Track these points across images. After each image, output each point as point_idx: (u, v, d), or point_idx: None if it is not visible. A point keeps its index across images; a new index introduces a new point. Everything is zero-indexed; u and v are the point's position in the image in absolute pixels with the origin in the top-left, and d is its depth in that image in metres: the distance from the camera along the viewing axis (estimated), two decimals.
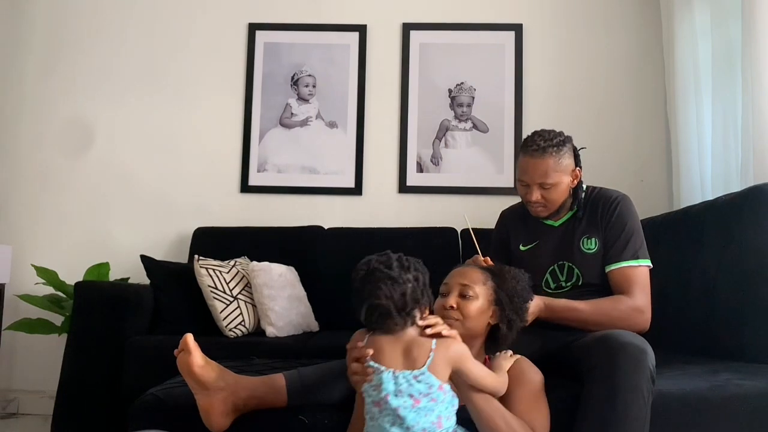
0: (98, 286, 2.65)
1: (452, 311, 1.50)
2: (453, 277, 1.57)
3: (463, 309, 1.50)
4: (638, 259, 1.78)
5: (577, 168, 1.86)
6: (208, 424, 1.47)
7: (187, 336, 1.46)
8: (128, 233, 3.22)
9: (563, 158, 1.80)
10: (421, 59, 3.31)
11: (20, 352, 3.15)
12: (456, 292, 1.53)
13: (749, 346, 1.84)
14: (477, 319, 1.51)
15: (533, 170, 1.80)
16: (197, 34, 3.37)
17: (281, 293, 2.56)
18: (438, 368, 1.30)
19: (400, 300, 1.32)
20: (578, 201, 1.87)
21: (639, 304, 1.73)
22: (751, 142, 2.22)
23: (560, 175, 1.80)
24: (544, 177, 1.79)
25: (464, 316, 1.50)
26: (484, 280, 1.54)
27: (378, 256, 1.38)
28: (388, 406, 1.28)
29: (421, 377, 1.29)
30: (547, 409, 1.47)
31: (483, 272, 1.57)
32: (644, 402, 1.41)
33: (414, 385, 1.28)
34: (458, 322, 1.50)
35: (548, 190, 1.81)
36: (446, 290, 1.55)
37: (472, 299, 1.51)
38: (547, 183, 1.79)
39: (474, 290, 1.52)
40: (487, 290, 1.53)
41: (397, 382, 1.29)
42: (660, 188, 3.13)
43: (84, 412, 2.33)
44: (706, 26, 2.68)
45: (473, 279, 1.54)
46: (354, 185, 3.25)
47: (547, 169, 1.78)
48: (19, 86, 3.33)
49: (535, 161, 1.79)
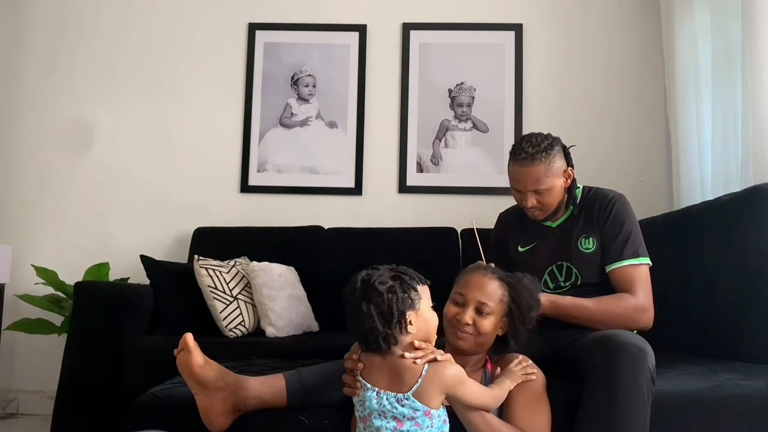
0: (98, 286, 2.65)
1: (467, 326, 1.48)
2: (471, 289, 1.51)
3: (479, 326, 1.48)
4: (639, 257, 1.78)
5: (569, 168, 1.86)
6: (207, 424, 1.47)
7: (187, 335, 1.46)
8: (128, 233, 3.22)
9: (554, 162, 1.80)
10: (421, 59, 3.31)
11: (20, 352, 3.15)
12: (472, 307, 1.49)
13: (749, 346, 1.84)
14: (490, 335, 1.50)
15: (525, 178, 1.80)
16: (197, 34, 3.37)
17: (281, 293, 2.56)
18: (426, 394, 1.28)
19: (369, 333, 1.30)
20: (573, 199, 1.87)
21: (642, 302, 1.73)
22: (751, 142, 2.22)
23: (553, 179, 1.80)
24: (536, 184, 1.79)
25: (479, 332, 1.48)
26: (502, 297, 1.50)
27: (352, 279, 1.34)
28: (371, 424, 1.30)
29: (405, 402, 1.27)
30: (549, 409, 1.47)
31: (501, 285, 1.52)
32: (644, 402, 1.41)
33: (398, 408, 1.27)
34: (471, 337, 1.48)
35: (543, 194, 1.81)
36: (461, 300, 1.51)
37: (488, 316, 1.49)
38: (540, 189, 1.79)
39: (490, 307, 1.49)
40: (502, 306, 1.50)
41: (381, 402, 1.29)
42: (660, 188, 3.13)
43: (84, 412, 2.33)
44: (706, 26, 2.67)
45: (491, 295, 1.50)
46: (354, 185, 3.25)
47: (539, 175, 1.78)
48: (19, 86, 3.33)
49: (526, 169, 1.79)
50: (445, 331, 1.53)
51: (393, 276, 1.33)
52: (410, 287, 1.32)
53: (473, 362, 1.53)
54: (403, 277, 1.34)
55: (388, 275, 1.33)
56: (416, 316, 1.32)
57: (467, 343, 1.49)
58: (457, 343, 1.50)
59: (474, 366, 1.53)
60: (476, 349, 1.51)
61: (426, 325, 1.35)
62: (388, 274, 1.34)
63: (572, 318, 1.71)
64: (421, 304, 1.34)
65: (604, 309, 1.71)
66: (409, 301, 1.31)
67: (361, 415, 1.32)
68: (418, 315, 1.33)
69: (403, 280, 1.33)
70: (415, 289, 1.33)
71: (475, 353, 1.53)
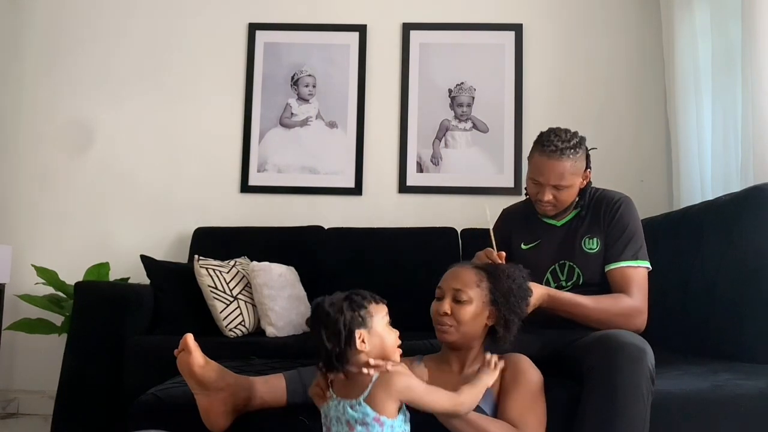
0: (98, 286, 2.65)
1: (446, 317, 1.49)
2: (446, 280, 1.54)
3: (457, 314, 1.49)
4: (638, 259, 1.78)
5: (587, 170, 1.85)
6: (208, 424, 1.47)
7: (187, 336, 1.46)
8: (128, 233, 3.22)
9: (579, 160, 1.79)
10: (421, 59, 3.31)
11: (20, 352, 3.15)
12: (449, 297, 1.50)
13: (749, 346, 1.84)
14: (472, 324, 1.49)
15: (549, 171, 1.77)
16: (197, 34, 3.37)
17: (281, 293, 2.56)
18: (378, 400, 1.29)
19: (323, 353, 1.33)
20: (584, 200, 1.87)
21: (638, 304, 1.73)
22: (751, 142, 2.22)
23: (574, 177, 1.79)
24: (559, 179, 1.77)
25: (458, 321, 1.49)
26: (478, 282, 1.51)
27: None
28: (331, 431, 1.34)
29: (357, 407, 1.30)
30: (544, 409, 1.46)
31: (477, 273, 1.53)
32: (644, 402, 1.41)
33: (349, 412, 1.30)
34: (452, 328, 1.49)
35: (561, 191, 1.80)
36: (440, 294, 1.54)
37: (465, 304, 1.49)
38: (561, 185, 1.78)
39: (467, 294, 1.49)
40: (481, 292, 1.50)
41: (338, 409, 1.33)
42: (660, 188, 3.13)
43: (84, 412, 2.33)
44: (706, 26, 2.68)
45: (466, 282, 1.51)
46: (354, 185, 3.25)
47: (564, 171, 1.77)
48: (19, 86, 3.33)
49: (552, 163, 1.77)
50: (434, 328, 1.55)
51: (344, 297, 1.36)
52: (360, 306, 1.34)
53: (471, 358, 1.53)
54: (354, 297, 1.35)
55: (340, 297, 1.36)
56: (369, 334, 1.33)
57: (451, 336, 1.50)
58: (442, 336, 1.51)
59: (472, 362, 1.53)
60: (465, 341, 1.50)
61: (381, 342, 1.35)
62: (340, 296, 1.36)
63: (568, 314, 1.71)
64: (373, 322, 1.34)
65: (600, 308, 1.71)
66: (359, 319, 1.33)
67: (325, 424, 1.37)
68: (372, 333, 1.34)
69: (353, 300, 1.35)
70: (365, 307, 1.34)
71: (467, 347, 1.52)
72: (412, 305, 1.84)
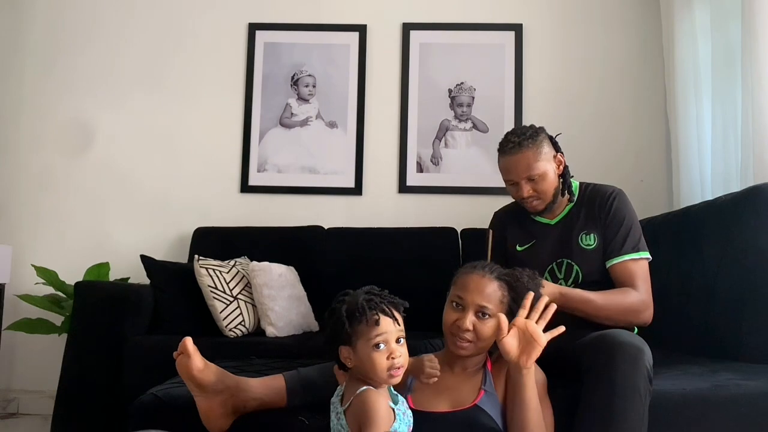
0: (98, 286, 2.64)
1: (467, 333, 1.44)
2: (470, 292, 1.46)
3: (480, 331, 1.44)
4: (639, 251, 1.79)
5: (558, 153, 1.87)
6: (208, 426, 1.47)
7: (186, 339, 1.46)
8: (128, 233, 3.22)
9: (541, 146, 1.82)
10: (421, 59, 3.31)
11: (20, 352, 3.15)
12: (472, 311, 1.45)
13: (749, 346, 1.84)
14: (491, 339, 1.46)
15: (515, 167, 1.82)
16: (197, 34, 3.37)
17: (281, 293, 2.56)
18: (350, 417, 1.27)
19: None
20: (568, 187, 1.87)
21: (645, 297, 1.75)
22: (751, 142, 2.22)
23: (543, 163, 1.81)
24: (528, 170, 1.80)
25: (479, 338, 1.44)
26: (501, 298, 1.47)
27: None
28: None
29: (341, 416, 1.29)
30: (551, 410, 1.47)
31: (500, 286, 1.48)
32: (642, 401, 1.41)
33: (342, 419, 1.29)
34: (471, 344, 1.45)
35: (536, 181, 1.82)
36: (461, 303, 1.47)
37: (488, 320, 1.44)
38: (533, 175, 1.80)
39: (491, 310, 1.45)
40: (502, 307, 1.47)
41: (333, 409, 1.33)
42: (660, 188, 3.13)
43: (84, 412, 2.33)
44: (706, 26, 2.67)
45: (491, 298, 1.45)
46: (354, 185, 3.25)
47: (529, 161, 1.80)
48: (19, 86, 3.34)
49: (515, 157, 1.81)
50: (445, 337, 1.50)
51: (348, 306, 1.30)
52: (355, 320, 1.28)
53: (474, 363, 1.52)
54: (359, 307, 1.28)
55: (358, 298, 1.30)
56: (353, 351, 1.29)
57: (468, 351, 1.46)
58: (458, 351, 1.46)
59: (474, 367, 1.52)
60: (477, 353, 1.48)
61: (363, 366, 1.28)
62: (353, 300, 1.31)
63: (578, 311, 1.70)
64: (358, 343, 1.28)
65: (610, 303, 1.72)
66: (345, 335, 1.28)
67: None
68: (356, 352, 1.28)
69: (355, 311, 1.28)
70: (357, 324, 1.28)
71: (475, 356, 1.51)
72: (412, 305, 1.82)
